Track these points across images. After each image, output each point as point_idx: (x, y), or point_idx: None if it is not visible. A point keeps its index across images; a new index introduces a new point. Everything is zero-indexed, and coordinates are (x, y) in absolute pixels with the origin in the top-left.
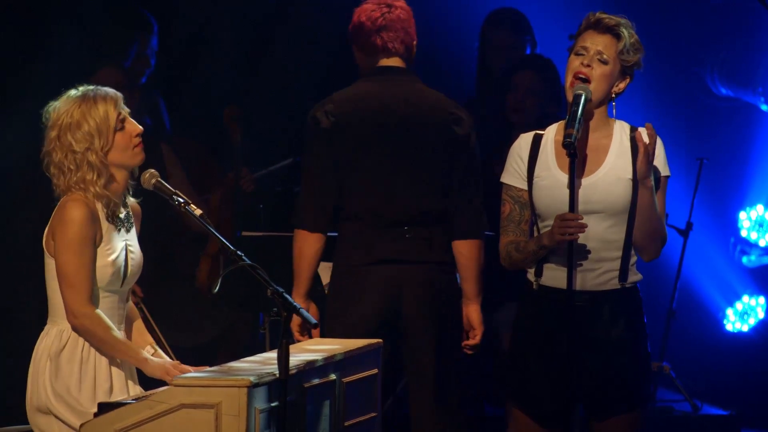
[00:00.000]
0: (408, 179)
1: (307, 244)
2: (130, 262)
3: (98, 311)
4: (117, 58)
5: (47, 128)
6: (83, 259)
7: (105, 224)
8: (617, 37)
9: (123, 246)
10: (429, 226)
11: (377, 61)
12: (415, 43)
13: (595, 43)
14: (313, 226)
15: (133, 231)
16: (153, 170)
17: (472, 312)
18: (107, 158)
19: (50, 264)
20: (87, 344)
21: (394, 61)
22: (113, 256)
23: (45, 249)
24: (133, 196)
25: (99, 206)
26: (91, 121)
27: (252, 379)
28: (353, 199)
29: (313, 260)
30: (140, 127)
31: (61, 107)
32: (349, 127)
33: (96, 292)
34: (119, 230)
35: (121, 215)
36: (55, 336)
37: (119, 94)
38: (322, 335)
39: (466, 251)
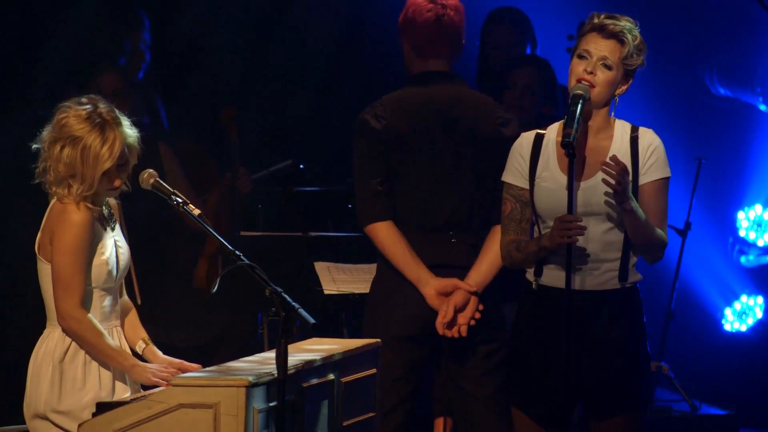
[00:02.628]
0: (455, 184)
1: (389, 233)
2: (120, 257)
3: (90, 316)
4: (112, 56)
5: (55, 117)
6: (80, 263)
7: (96, 225)
8: (621, 42)
9: (113, 243)
10: (475, 232)
11: (425, 63)
12: (463, 43)
13: (599, 48)
14: (383, 215)
15: (117, 227)
16: (151, 170)
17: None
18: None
19: (44, 269)
20: None
21: (442, 65)
22: (106, 255)
23: (38, 254)
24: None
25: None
26: (78, 158)
27: (250, 378)
28: (400, 202)
29: (404, 242)
30: (124, 186)
31: (75, 117)
32: (399, 130)
33: (90, 293)
34: (106, 229)
35: (105, 214)
36: (59, 339)
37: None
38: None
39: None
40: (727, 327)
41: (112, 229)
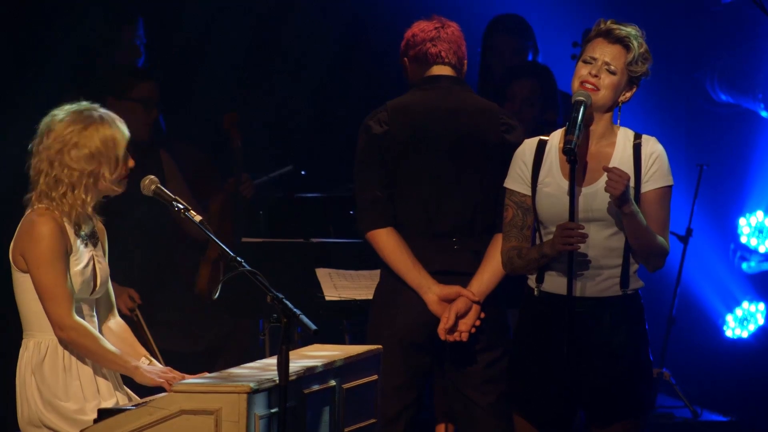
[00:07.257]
0: (458, 190)
1: (390, 240)
2: (98, 273)
3: (84, 322)
4: (107, 47)
5: (44, 134)
6: (58, 272)
7: (72, 237)
8: (626, 48)
9: (90, 257)
10: (478, 237)
11: (430, 70)
12: (465, 61)
13: (604, 53)
14: (383, 222)
15: (100, 246)
16: (153, 176)
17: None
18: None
19: (19, 279)
20: (67, 352)
21: (447, 70)
22: (81, 266)
23: (13, 264)
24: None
25: (65, 221)
26: (99, 145)
27: (252, 385)
28: (403, 208)
29: (405, 249)
30: (133, 160)
31: (66, 120)
32: (401, 136)
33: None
34: (86, 244)
35: (86, 231)
36: (34, 349)
37: (123, 123)
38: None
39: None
40: (729, 333)
41: (93, 246)
